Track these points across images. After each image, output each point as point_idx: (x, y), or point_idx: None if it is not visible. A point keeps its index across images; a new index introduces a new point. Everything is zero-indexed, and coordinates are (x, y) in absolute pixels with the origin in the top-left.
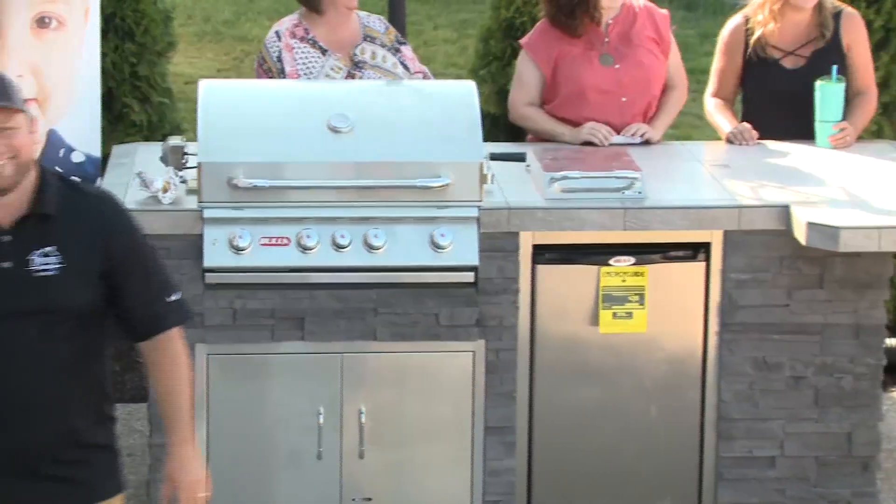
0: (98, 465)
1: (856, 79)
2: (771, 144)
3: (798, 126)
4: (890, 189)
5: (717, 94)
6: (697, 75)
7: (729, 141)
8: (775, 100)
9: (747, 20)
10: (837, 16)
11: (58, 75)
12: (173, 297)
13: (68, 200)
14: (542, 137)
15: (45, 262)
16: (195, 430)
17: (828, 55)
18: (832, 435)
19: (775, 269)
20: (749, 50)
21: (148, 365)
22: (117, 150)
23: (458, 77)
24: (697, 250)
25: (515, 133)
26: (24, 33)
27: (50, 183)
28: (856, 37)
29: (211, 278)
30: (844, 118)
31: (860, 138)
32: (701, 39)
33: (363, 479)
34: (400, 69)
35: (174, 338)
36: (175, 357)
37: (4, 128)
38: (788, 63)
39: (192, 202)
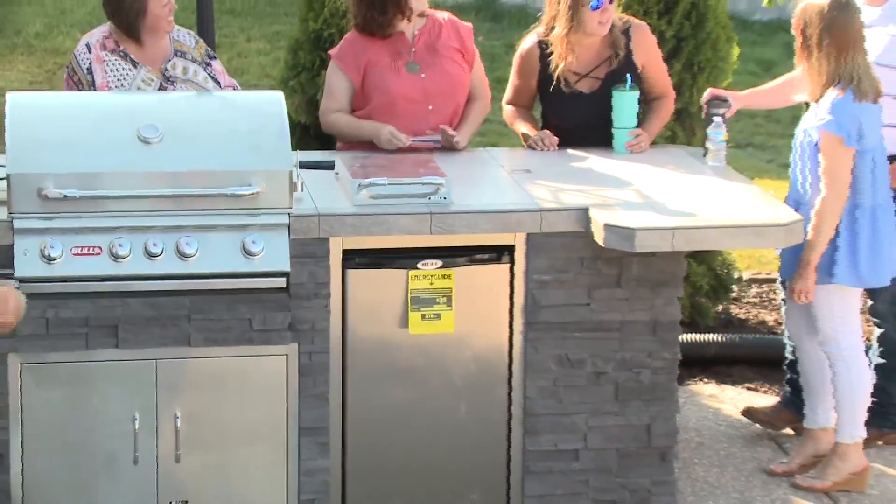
0: None
1: (653, 88)
2: (571, 151)
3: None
4: (683, 192)
5: (512, 103)
6: (504, 84)
7: (530, 147)
8: (572, 127)
9: (541, 44)
10: (627, 32)
11: None
12: None
13: None
14: (351, 142)
15: None
16: None
17: (622, 75)
18: (632, 427)
19: (576, 269)
20: (545, 74)
21: None
22: None
23: (272, 88)
24: (502, 253)
25: (326, 141)
26: None
27: None
28: (647, 50)
29: (23, 288)
30: (641, 123)
31: (655, 143)
32: (506, 49)
33: (180, 482)
34: (210, 83)
35: None
36: None
37: None
38: (584, 87)
39: (1, 213)
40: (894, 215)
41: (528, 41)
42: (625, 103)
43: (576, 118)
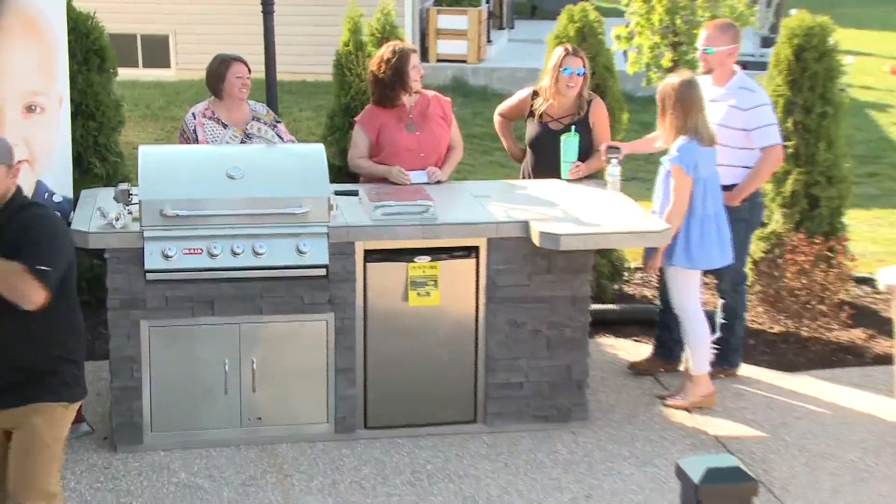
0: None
1: (598, 141)
2: (516, 182)
3: (558, 163)
4: (592, 210)
5: (502, 114)
6: (471, 139)
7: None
8: (544, 149)
9: (534, 93)
10: (590, 102)
11: (41, 144)
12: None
13: (17, 213)
14: (370, 179)
15: None
16: None
17: (579, 125)
18: (558, 367)
19: (521, 262)
20: (532, 112)
21: None
22: (84, 193)
23: (316, 142)
24: (471, 251)
25: (353, 178)
26: (18, 116)
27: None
28: (599, 116)
29: (150, 276)
30: (585, 160)
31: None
32: (473, 115)
33: (255, 405)
34: (276, 139)
35: (20, 266)
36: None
37: None
38: (554, 126)
39: (135, 227)
40: (724, 223)
41: (528, 88)
42: (569, 145)
43: (543, 145)
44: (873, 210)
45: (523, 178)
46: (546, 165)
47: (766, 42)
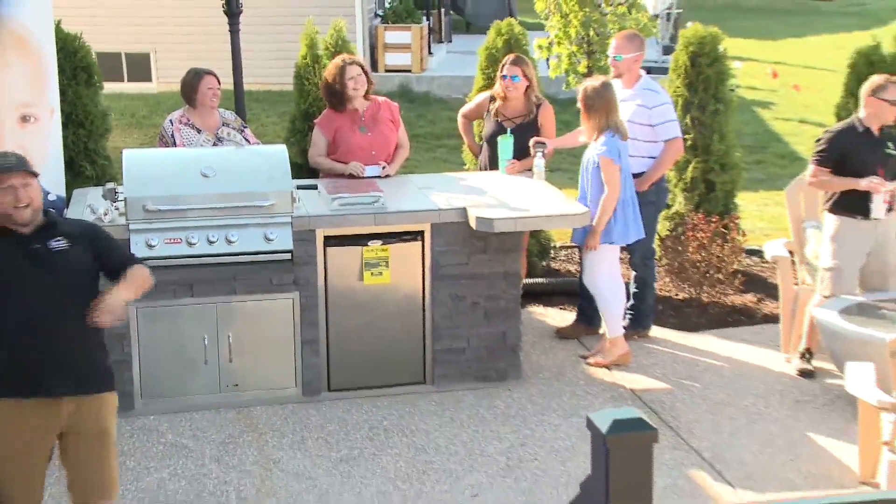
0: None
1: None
2: (456, 174)
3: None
4: (522, 197)
5: (465, 115)
6: (417, 139)
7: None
8: (497, 144)
9: (491, 97)
10: (538, 105)
11: (36, 150)
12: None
13: (63, 220)
14: (328, 174)
15: (58, 244)
16: (129, 295)
17: (529, 125)
18: (495, 334)
19: (460, 244)
20: (488, 112)
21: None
22: (76, 192)
23: (280, 143)
24: (417, 235)
25: (313, 174)
26: (14, 126)
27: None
28: (546, 117)
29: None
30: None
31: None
32: (417, 118)
33: (232, 373)
34: (244, 142)
35: (137, 266)
36: (135, 270)
37: (27, 184)
38: (508, 125)
39: (122, 221)
40: (636, 205)
41: (487, 92)
42: (504, 145)
43: (497, 140)
44: (760, 192)
45: (480, 169)
46: (496, 156)
47: (667, 50)
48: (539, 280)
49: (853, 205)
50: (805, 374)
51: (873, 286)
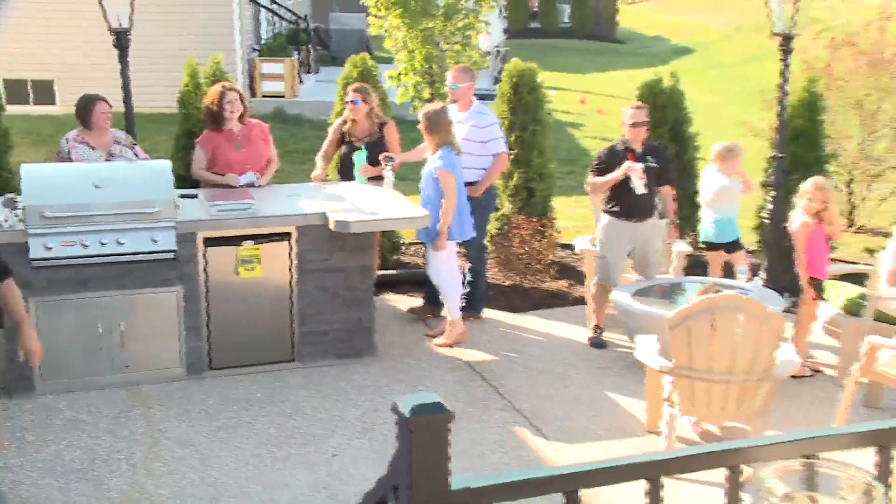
0: None
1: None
2: (319, 185)
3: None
4: (374, 203)
5: (324, 153)
6: (289, 154)
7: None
8: (350, 161)
9: (343, 122)
10: (383, 125)
11: None
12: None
13: None
14: (207, 185)
15: None
16: (32, 329)
17: (376, 143)
18: (352, 319)
19: (323, 242)
20: (343, 136)
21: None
22: None
23: (165, 158)
24: (285, 236)
25: (195, 185)
26: None
27: None
28: (391, 135)
29: (35, 264)
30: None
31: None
32: (290, 136)
33: (125, 356)
34: (134, 158)
35: (10, 283)
36: (14, 296)
37: None
38: (359, 144)
39: (21, 226)
40: (469, 208)
41: (340, 119)
42: (360, 157)
43: (349, 158)
44: (573, 196)
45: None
46: (350, 173)
47: (496, 81)
48: (391, 272)
49: (620, 209)
50: (596, 344)
51: (644, 276)
